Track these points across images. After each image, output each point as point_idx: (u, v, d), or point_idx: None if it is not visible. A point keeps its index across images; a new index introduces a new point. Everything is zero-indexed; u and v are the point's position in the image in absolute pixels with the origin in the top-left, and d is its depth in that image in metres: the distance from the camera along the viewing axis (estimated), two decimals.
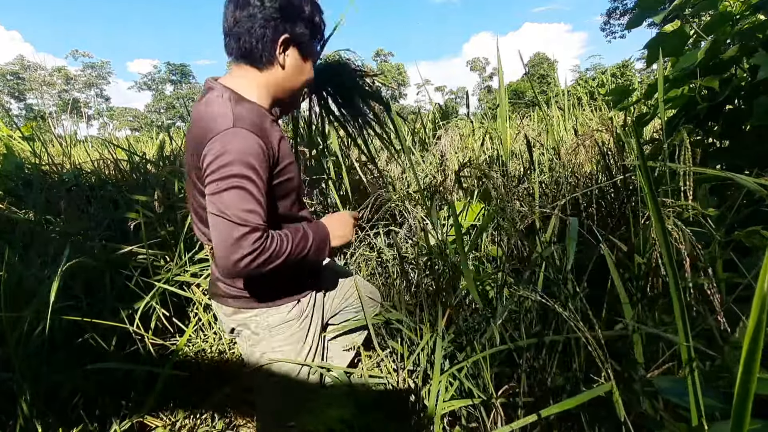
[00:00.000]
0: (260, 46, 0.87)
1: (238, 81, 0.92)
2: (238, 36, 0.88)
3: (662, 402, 0.85)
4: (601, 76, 20.11)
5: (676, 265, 0.50)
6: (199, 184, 0.87)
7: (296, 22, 0.88)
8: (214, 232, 0.80)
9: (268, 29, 0.86)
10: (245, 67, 0.92)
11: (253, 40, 0.87)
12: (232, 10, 0.87)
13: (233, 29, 0.87)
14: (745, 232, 0.91)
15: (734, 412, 0.29)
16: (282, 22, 0.87)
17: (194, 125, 0.88)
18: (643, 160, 0.49)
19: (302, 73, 0.94)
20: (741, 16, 1.35)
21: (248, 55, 0.89)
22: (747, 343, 0.25)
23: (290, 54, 0.91)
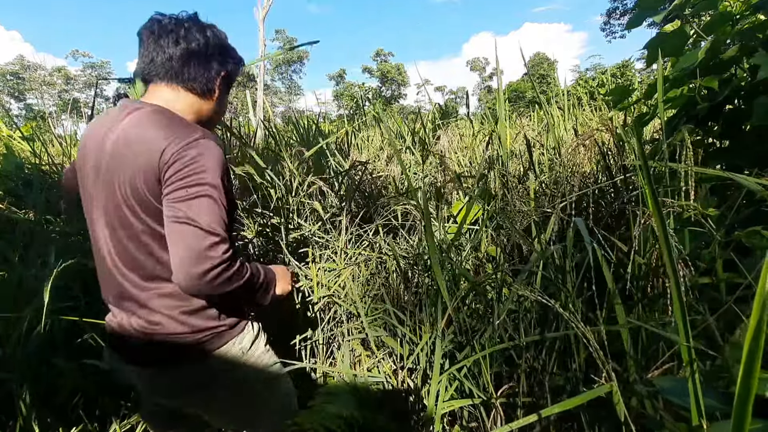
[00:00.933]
0: (206, 77, 0.93)
1: (174, 105, 0.92)
2: (186, 62, 0.90)
3: (662, 402, 0.85)
4: (601, 76, 20.12)
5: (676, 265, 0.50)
6: (142, 203, 0.83)
7: (228, 61, 0.98)
8: (178, 241, 0.78)
9: (215, 63, 0.94)
10: (181, 92, 0.93)
11: (201, 69, 0.92)
12: (205, 35, 0.92)
13: (179, 54, 0.89)
14: (745, 233, 0.91)
15: (735, 412, 0.29)
16: (224, 59, 0.96)
17: (132, 144, 0.83)
18: (644, 160, 0.49)
19: (223, 104, 1.01)
20: (741, 16, 1.35)
21: (193, 80, 0.92)
22: (748, 344, 0.25)
23: (221, 89, 0.98)
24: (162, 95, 0.92)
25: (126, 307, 0.90)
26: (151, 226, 0.84)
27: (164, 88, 0.92)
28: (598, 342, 0.80)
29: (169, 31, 0.89)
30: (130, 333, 0.89)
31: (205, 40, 0.92)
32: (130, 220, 0.84)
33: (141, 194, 0.82)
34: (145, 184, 0.81)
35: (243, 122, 8.59)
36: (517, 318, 1.23)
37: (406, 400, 1.30)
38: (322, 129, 4.07)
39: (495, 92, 2.34)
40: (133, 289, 0.88)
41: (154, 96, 0.92)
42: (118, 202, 0.84)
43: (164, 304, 0.87)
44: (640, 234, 1.06)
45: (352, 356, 1.61)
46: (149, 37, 0.89)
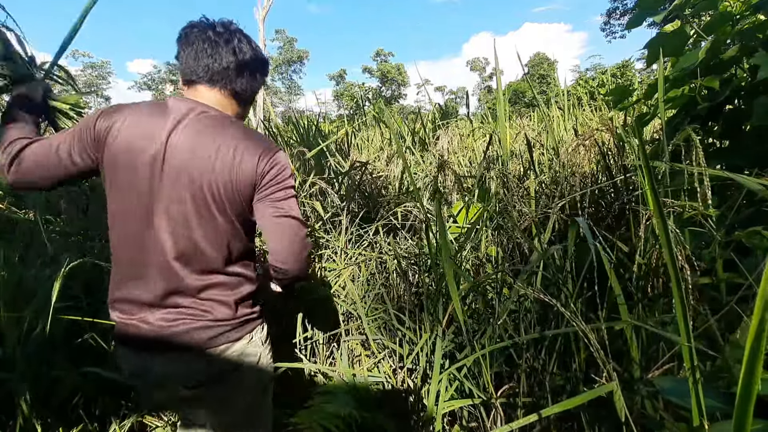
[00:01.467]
0: (252, 88, 1.01)
1: (226, 110, 1.00)
2: (240, 72, 0.97)
3: (662, 402, 0.85)
4: (601, 76, 20.12)
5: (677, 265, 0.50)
6: (233, 202, 0.93)
7: (266, 73, 1.05)
8: (286, 230, 0.96)
9: (258, 75, 1.02)
10: (229, 98, 1.00)
11: (251, 80, 1.00)
12: (251, 47, 0.99)
13: (236, 65, 0.96)
14: (745, 233, 0.91)
15: (736, 412, 0.29)
16: (264, 72, 1.04)
17: (220, 148, 0.91)
18: (646, 160, 0.49)
19: (248, 113, 1.10)
20: (741, 16, 1.35)
21: (243, 90, 1.00)
22: (749, 344, 0.25)
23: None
24: (213, 98, 0.98)
25: (171, 300, 0.93)
26: (234, 222, 0.95)
27: (215, 93, 0.98)
28: (599, 341, 0.80)
29: (226, 40, 0.96)
30: (165, 323, 0.93)
31: (252, 53, 0.99)
32: (215, 216, 0.92)
33: (234, 195, 0.92)
34: (241, 186, 0.92)
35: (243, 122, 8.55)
36: (517, 318, 1.23)
37: (405, 399, 1.30)
38: (321, 129, 4.07)
39: (495, 92, 2.34)
40: (188, 280, 0.93)
41: (205, 98, 0.98)
42: (202, 198, 0.91)
43: (219, 293, 0.96)
44: (641, 234, 1.06)
45: (352, 356, 1.61)
46: (205, 42, 0.95)
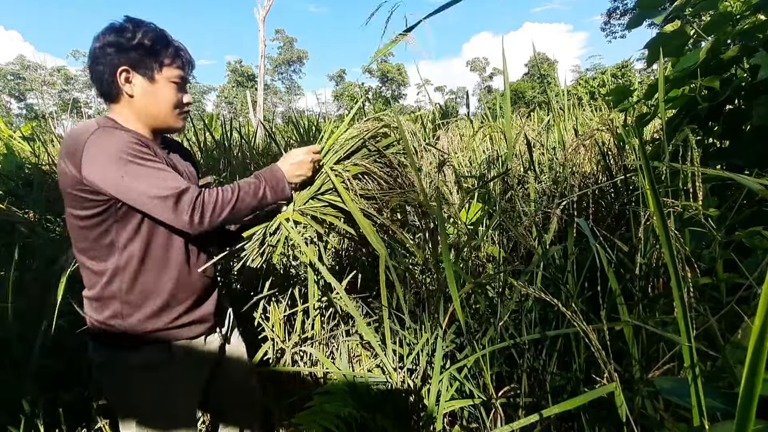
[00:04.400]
0: (105, 84, 0.94)
1: (114, 117, 0.98)
2: (94, 82, 0.96)
3: (663, 402, 0.85)
4: (601, 76, 20.12)
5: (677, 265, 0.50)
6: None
7: (128, 51, 0.92)
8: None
9: (106, 66, 0.93)
10: (110, 106, 0.99)
11: (99, 81, 0.95)
12: (87, 65, 0.96)
13: (91, 77, 0.96)
14: (746, 233, 0.91)
15: (738, 412, 0.28)
16: (116, 56, 0.92)
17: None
18: (646, 160, 0.49)
19: (157, 95, 0.97)
20: (741, 16, 1.35)
21: (104, 95, 0.97)
22: (752, 344, 0.25)
23: (135, 82, 0.95)
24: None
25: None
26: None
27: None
28: (599, 341, 0.80)
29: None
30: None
31: (92, 51, 0.94)
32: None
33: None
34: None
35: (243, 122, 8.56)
36: (518, 318, 1.23)
37: (406, 399, 1.30)
38: (321, 129, 4.06)
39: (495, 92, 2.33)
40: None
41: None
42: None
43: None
44: (641, 234, 1.06)
45: (352, 356, 1.61)
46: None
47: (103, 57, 0.92)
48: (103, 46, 0.91)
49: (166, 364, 1.00)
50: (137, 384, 0.98)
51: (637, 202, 1.26)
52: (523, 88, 34.01)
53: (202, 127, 3.89)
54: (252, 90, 32.79)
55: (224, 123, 3.76)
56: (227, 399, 1.20)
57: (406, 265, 1.59)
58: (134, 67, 0.93)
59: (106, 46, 0.91)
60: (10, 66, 43.46)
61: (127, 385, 0.99)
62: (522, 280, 1.07)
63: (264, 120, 9.42)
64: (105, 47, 0.91)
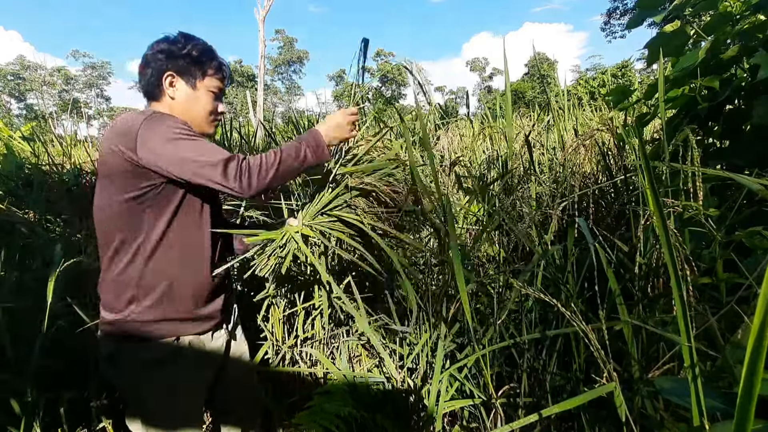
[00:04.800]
0: (150, 85, 1.05)
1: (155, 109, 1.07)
2: (141, 83, 1.07)
3: (663, 402, 0.85)
4: (601, 76, 20.12)
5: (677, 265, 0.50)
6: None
7: (177, 59, 1.03)
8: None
9: (154, 70, 1.04)
10: (151, 104, 1.08)
11: (145, 82, 1.06)
12: (138, 67, 1.07)
13: (140, 80, 1.07)
14: (746, 233, 0.91)
15: (737, 412, 0.28)
16: (165, 62, 1.03)
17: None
18: (646, 160, 0.49)
19: (196, 101, 1.07)
20: (741, 16, 1.35)
21: (147, 94, 1.07)
22: (751, 344, 0.25)
23: (178, 87, 1.05)
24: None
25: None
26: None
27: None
28: (599, 341, 0.80)
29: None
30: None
31: (145, 57, 1.05)
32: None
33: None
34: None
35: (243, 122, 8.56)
36: (518, 318, 1.23)
37: (406, 399, 1.30)
38: None
39: (495, 92, 2.33)
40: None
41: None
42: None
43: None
44: (641, 234, 1.06)
45: (352, 356, 1.60)
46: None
47: (153, 61, 1.03)
48: (155, 52, 1.03)
49: (174, 358, 1.02)
50: (146, 378, 1.01)
51: (637, 202, 1.26)
52: (523, 88, 34.03)
53: None
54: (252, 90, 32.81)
55: (224, 123, 3.75)
56: (229, 397, 1.21)
57: (408, 266, 1.59)
58: (180, 73, 1.04)
59: (157, 53, 1.03)
60: (10, 66, 43.43)
61: (135, 378, 1.01)
62: (522, 280, 1.07)
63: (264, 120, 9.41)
64: (156, 53, 1.03)
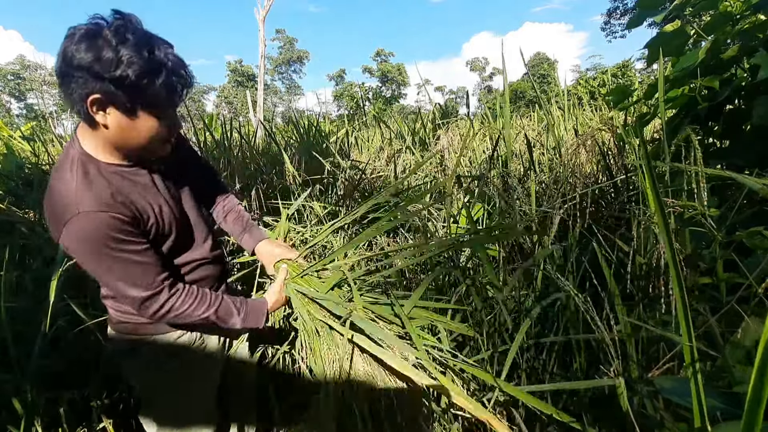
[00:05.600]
0: (75, 106, 0.77)
1: (89, 140, 0.85)
2: (64, 97, 0.78)
3: (663, 402, 0.85)
4: (601, 75, 20.11)
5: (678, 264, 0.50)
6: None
7: (104, 81, 0.73)
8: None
9: (76, 88, 0.74)
10: (86, 128, 0.83)
11: (66, 96, 0.77)
12: (54, 71, 0.77)
13: (59, 85, 0.77)
14: (746, 233, 0.91)
15: (746, 414, 0.28)
16: (89, 82, 0.73)
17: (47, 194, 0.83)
18: (648, 160, 0.49)
19: (138, 131, 0.81)
20: (741, 16, 1.35)
21: (77, 113, 0.80)
22: (762, 347, 0.25)
23: (110, 113, 0.78)
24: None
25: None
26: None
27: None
28: (599, 340, 0.80)
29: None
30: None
31: (62, 57, 0.74)
32: None
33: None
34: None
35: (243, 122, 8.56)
36: (518, 318, 1.23)
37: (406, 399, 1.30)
38: (322, 129, 4.07)
39: (495, 92, 2.33)
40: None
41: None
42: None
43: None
44: (641, 234, 1.06)
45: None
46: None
47: (73, 75, 0.73)
48: (72, 64, 0.72)
49: (183, 351, 1.02)
50: (157, 372, 1.01)
51: (637, 202, 1.26)
52: (523, 88, 34.03)
53: (202, 127, 3.89)
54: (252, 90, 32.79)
55: (224, 123, 3.76)
56: (228, 393, 1.22)
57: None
58: (109, 99, 0.75)
59: (77, 67, 0.72)
60: (10, 66, 43.44)
61: (147, 373, 1.02)
62: (522, 280, 1.07)
63: (264, 120, 9.41)
64: (76, 67, 0.72)
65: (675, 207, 1.00)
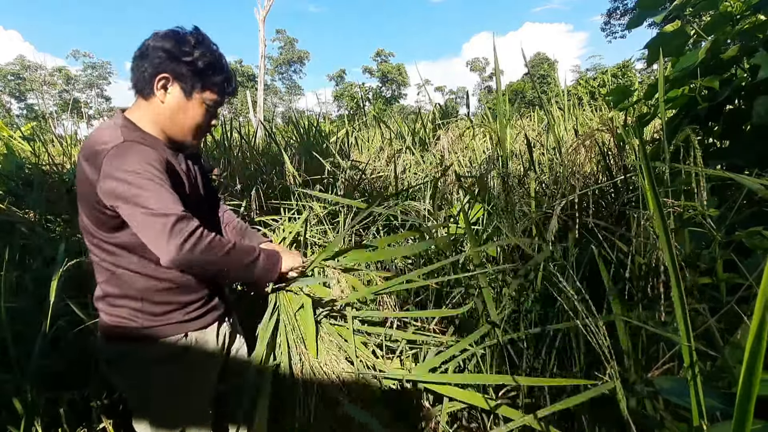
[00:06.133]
0: (141, 80, 0.95)
1: (137, 115, 0.99)
2: (133, 71, 0.97)
3: (663, 402, 0.85)
4: (602, 76, 20.11)
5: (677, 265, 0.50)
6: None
7: (179, 63, 0.94)
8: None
9: (150, 65, 0.94)
10: (138, 100, 1.00)
11: (138, 75, 0.96)
12: (134, 55, 0.97)
13: (132, 67, 0.97)
14: (746, 233, 0.91)
15: (737, 412, 0.28)
16: (165, 62, 0.93)
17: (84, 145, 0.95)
18: (646, 161, 0.49)
19: (186, 111, 0.98)
20: (741, 16, 1.35)
21: (136, 88, 0.98)
22: (750, 344, 0.25)
23: (171, 91, 0.96)
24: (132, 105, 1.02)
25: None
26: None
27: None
28: (600, 339, 0.80)
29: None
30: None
31: (145, 45, 0.94)
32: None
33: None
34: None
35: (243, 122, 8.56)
36: (517, 318, 1.23)
37: (406, 399, 1.30)
38: (322, 129, 4.07)
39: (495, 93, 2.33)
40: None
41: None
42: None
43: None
44: (641, 234, 1.06)
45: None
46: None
47: (152, 56, 0.93)
48: (157, 47, 0.93)
49: (183, 355, 1.02)
50: (154, 378, 1.00)
51: (637, 202, 1.26)
52: (524, 88, 34.04)
53: None
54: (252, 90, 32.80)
55: (224, 123, 3.76)
56: (229, 394, 1.22)
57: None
58: (177, 78, 0.95)
59: (159, 49, 0.92)
60: (10, 66, 43.45)
61: (144, 378, 1.01)
62: (522, 279, 1.07)
63: (264, 120, 9.42)
64: (158, 49, 0.92)
65: (675, 207, 1.00)
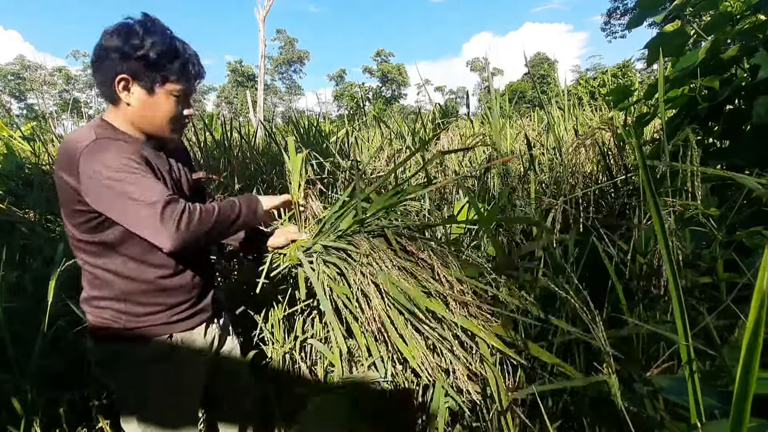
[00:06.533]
0: (105, 87, 0.93)
1: (110, 119, 0.98)
2: (96, 80, 0.95)
3: (662, 401, 0.85)
4: (601, 76, 20.11)
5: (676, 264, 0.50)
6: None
7: (131, 60, 0.89)
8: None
9: (107, 70, 0.91)
10: (109, 106, 0.98)
11: (99, 82, 0.94)
12: (90, 60, 0.96)
13: (93, 75, 0.96)
14: (746, 233, 0.91)
15: (733, 410, 0.29)
16: (119, 63, 0.90)
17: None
18: (643, 161, 0.49)
19: (155, 107, 0.95)
20: (741, 16, 1.35)
21: (103, 95, 0.96)
22: (746, 341, 0.25)
23: (134, 91, 0.93)
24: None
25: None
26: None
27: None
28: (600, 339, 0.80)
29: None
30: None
31: (97, 48, 0.91)
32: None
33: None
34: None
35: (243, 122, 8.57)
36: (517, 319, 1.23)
37: (407, 399, 1.30)
38: (322, 129, 4.07)
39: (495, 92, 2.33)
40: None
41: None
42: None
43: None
44: (642, 234, 1.06)
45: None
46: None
47: (106, 59, 0.90)
48: (107, 49, 0.89)
49: (169, 355, 1.01)
50: (141, 379, 1.00)
51: (638, 202, 1.26)
52: (524, 88, 34.05)
53: (202, 126, 3.89)
54: (252, 90, 32.80)
55: (224, 123, 3.76)
56: (222, 393, 1.21)
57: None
58: (134, 77, 0.91)
59: (110, 51, 0.89)
60: (10, 66, 43.45)
61: (131, 379, 1.00)
62: (522, 279, 1.07)
63: (264, 120, 9.42)
64: (110, 50, 0.89)
65: (675, 207, 1.00)
